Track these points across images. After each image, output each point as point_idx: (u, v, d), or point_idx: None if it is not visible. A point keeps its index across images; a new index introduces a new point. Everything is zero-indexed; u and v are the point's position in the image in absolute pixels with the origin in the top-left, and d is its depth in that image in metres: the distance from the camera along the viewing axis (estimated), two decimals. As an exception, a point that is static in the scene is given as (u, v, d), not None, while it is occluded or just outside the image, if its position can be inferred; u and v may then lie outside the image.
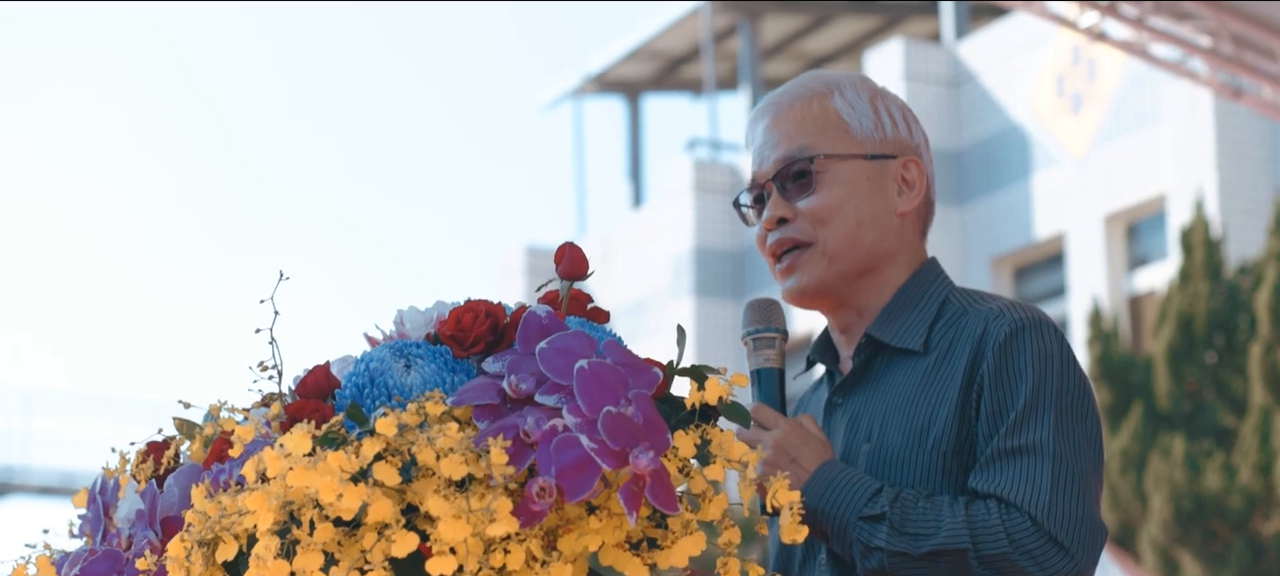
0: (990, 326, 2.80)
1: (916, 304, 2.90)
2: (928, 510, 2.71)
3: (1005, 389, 2.76)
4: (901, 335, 2.87)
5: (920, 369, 2.84)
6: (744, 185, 2.89)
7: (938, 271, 2.95)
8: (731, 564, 2.40)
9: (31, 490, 27.81)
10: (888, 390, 2.86)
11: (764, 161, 2.94)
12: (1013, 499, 2.70)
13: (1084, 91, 18.63)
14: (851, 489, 2.75)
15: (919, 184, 2.94)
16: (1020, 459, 2.72)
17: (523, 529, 2.28)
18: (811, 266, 2.90)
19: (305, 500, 2.28)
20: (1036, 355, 2.77)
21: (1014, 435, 2.74)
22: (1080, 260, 18.45)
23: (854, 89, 2.95)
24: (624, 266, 24.40)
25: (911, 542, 2.70)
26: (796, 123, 2.92)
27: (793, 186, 2.91)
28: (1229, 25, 11.03)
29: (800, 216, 2.90)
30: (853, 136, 2.91)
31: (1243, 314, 14.39)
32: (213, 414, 2.60)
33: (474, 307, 2.56)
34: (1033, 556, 2.67)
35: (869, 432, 2.84)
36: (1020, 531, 2.68)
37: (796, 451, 2.79)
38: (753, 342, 2.90)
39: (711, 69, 24.64)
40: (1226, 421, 14.12)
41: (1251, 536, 13.61)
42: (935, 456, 2.78)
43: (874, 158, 2.91)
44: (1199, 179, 17.24)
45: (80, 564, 2.53)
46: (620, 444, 2.30)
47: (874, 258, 2.90)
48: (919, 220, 2.96)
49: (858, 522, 2.73)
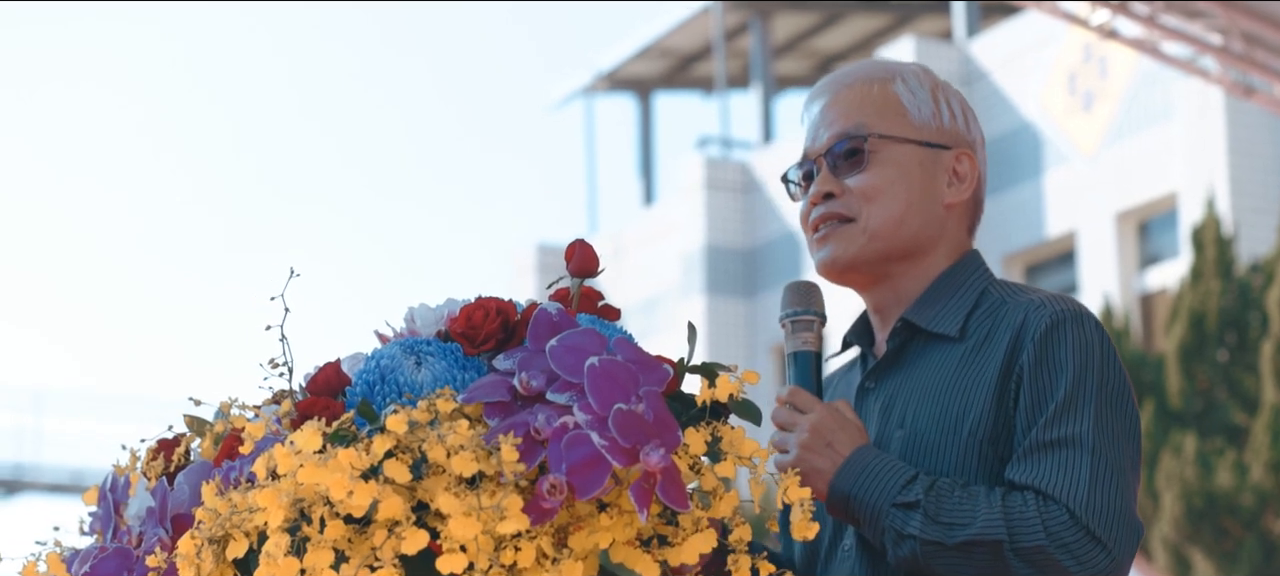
0: (1030, 316, 2.77)
1: (955, 291, 2.87)
2: (963, 500, 2.67)
3: (1045, 380, 2.73)
4: (938, 320, 2.85)
5: (956, 355, 2.81)
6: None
7: (979, 262, 2.93)
8: (742, 561, 2.40)
9: (42, 488, 27.86)
10: (922, 375, 2.83)
11: (817, 138, 2.93)
12: (1051, 491, 2.66)
13: (1095, 89, 18.62)
14: (886, 475, 2.71)
15: (970, 178, 2.92)
16: (1059, 451, 2.69)
17: (533, 526, 2.28)
18: (849, 240, 2.87)
19: (316, 497, 2.28)
20: (1077, 347, 2.74)
21: (1053, 427, 2.70)
22: (1091, 258, 18.44)
23: (916, 77, 2.94)
24: (635, 264, 24.40)
25: (946, 532, 2.66)
26: (855, 102, 2.91)
27: (844, 163, 2.89)
28: (1240, 23, 11.02)
29: (847, 193, 2.88)
30: (910, 121, 2.90)
31: (1254, 312, 14.38)
32: (223, 411, 2.60)
33: (485, 305, 2.56)
34: (1070, 550, 2.64)
35: (902, 419, 2.81)
36: (1057, 524, 2.64)
37: (832, 436, 2.75)
38: (790, 325, 2.86)
39: (722, 67, 24.64)
40: (1238, 419, 14.11)
41: (1263, 534, 13.60)
42: (971, 445, 2.75)
43: (929, 145, 2.90)
44: (1210, 177, 17.23)
45: (91, 561, 2.53)
46: (631, 441, 2.30)
47: (915, 243, 2.88)
48: (966, 214, 2.94)
49: (891, 509, 2.69)
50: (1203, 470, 13.68)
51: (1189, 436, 13.85)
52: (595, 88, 26.38)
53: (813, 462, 2.73)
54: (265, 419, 2.46)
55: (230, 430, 2.54)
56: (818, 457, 2.74)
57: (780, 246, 22.52)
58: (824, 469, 2.73)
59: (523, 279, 25.23)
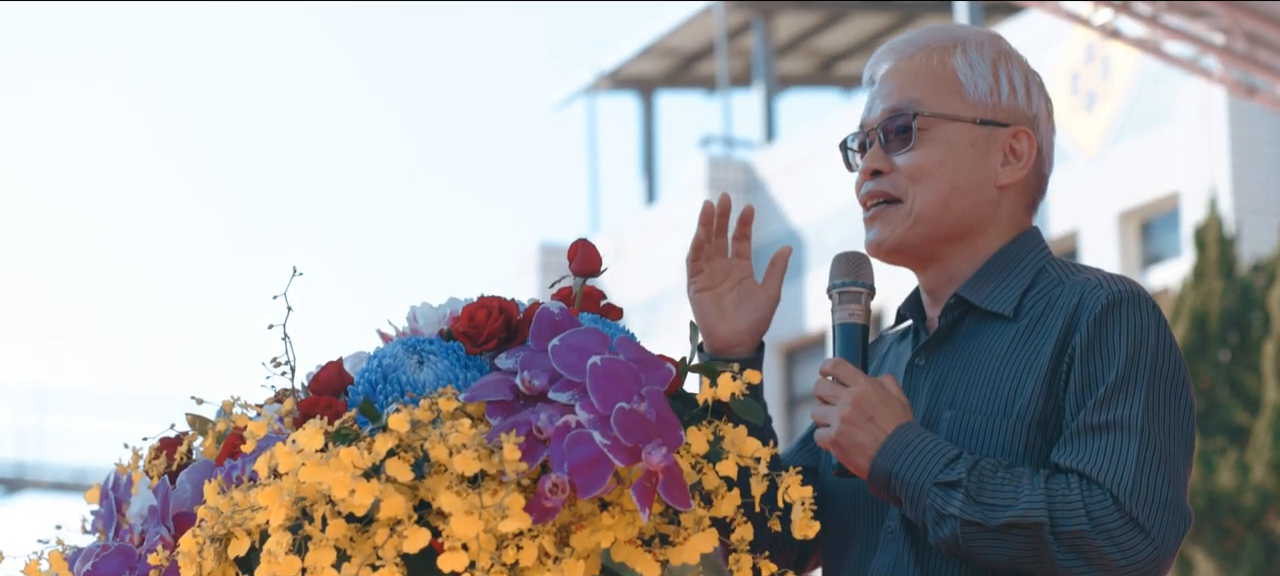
0: (1087, 296, 2.70)
1: (1012, 269, 2.81)
2: (1006, 481, 2.61)
3: (1097, 362, 2.66)
4: (993, 298, 2.78)
5: (1009, 335, 2.75)
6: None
7: (1038, 240, 2.86)
8: (743, 560, 2.40)
9: (45, 486, 27.86)
10: (974, 354, 2.77)
11: (873, 110, 2.86)
12: (1095, 475, 2.60)
13: (1098, 89, 18.61)
14: (929, 453, 2.65)
15: (1028, 156, 2.83)
16: (1107, 434, 2.63)
17: (535, 525, 2.28)
18: (895, 223, 2.81)
19: (317, 496, 2.28)
20: (1132, 329, 2.67)
21: (1102, 410, 2.64)
22: (1093, 257, 18.42)
23: (979, 48, 2.86)
24: (637, 263, 24.40)
25: (987, 513, 2.60)
26: (911, 75, 2.84)
27: (894, 139, 2.82)
28: (1242, 23, 11.02)
29: (896, 171, 2.81)
30: (965, 98, 2.82)
31: (1256, 311, 14.38)
32: (226, 409, 2.60)
33: (487, 304, 2.56)
34: (1112, 536, 2.58)
35: (953, 398, 2.75)
36: (1101, 509, 2.58)
37: (874, 410, 2.68)
38: (837, 296, 2.80)
39: (725, 66, 24.63)
40: (1240, 419, 14.10)
41: (1265, 534, 13.59)
42: (1020, 427, 2.68)
43: (983, 123, 2.82)
44: (1212, 176, 17.22)
45: (93, 559, 2.53)
46: (633, 440, 2.30)
47: (964, 225, 2.81)
48: (1025, 193, 2.86)
49: (933, 488, 2.63)
50: (1205, 470, 13.67)
51: (1191, 436, 13.84)
52: (598, 87, 26.37)
53: (855, 437, 2.67)
54: (267, 417, 2.46)
55: (232, 429, 2.54)
56: (860, 432, 2.67)
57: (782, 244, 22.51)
58: (866, 444, 2.67)
59: (525, 278, 25.23)
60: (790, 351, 22.51)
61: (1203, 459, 13.70)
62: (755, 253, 17.46)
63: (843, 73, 26.52)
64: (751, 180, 23.27)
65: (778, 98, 25.05)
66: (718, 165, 23.34)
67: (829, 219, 21.69)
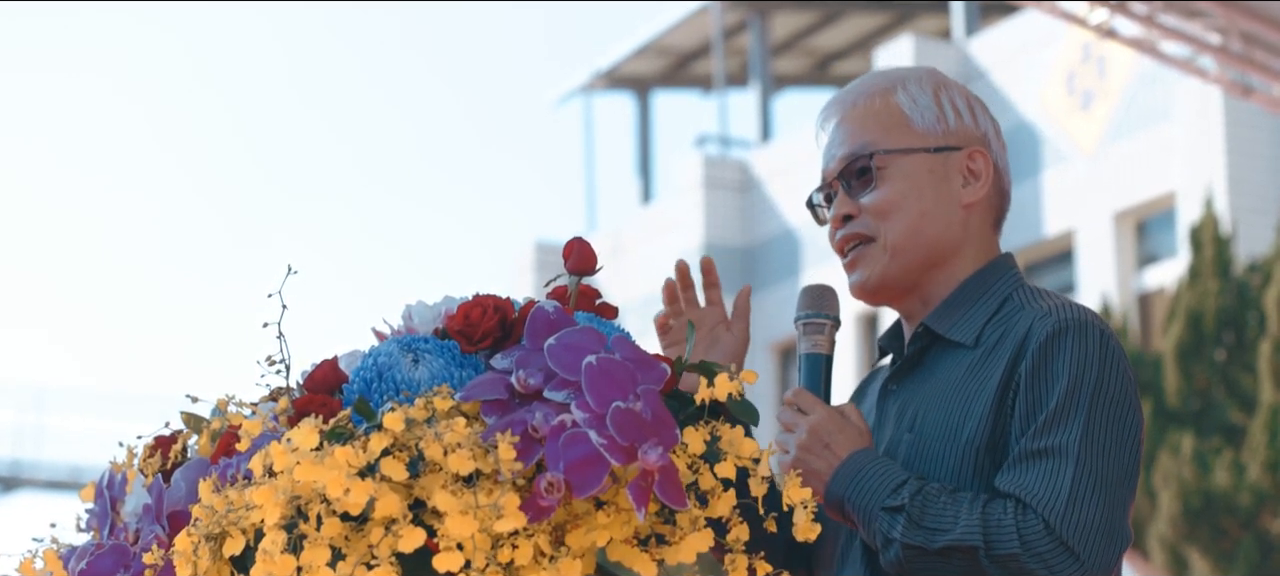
0: (1036, 325, 2.77)
1: (979, 298, 2.88)
2: (947, 505, 2.69)
3: (1040, 389, 2.73)
4: (956, 328, 2.86)
5: (965, 363, 2.82)
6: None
7: (1007, 267, 2.92)
8: (739, 560, 2.40)
9: (40, 484, 27.86)
10: (935, 381, 2.84)
11: (830, 160, 2.95)
12: (1030, 500, 2.67)
13: (1094, 88, 18.62)
14: (878, 479, 2.73)
15: (986, 174, 2.92)
16: (1044, 460, 2.69)
17: (530, 524, 2.28)
18: (873, 261, 2.89)
19: (312, 495, 2.27)
20: (1075, 356, 2.73)
21: (1041, 436, 2.71)
22: (1090, 257, 18.43)
23: (918, 83, 2.94)
24: (633, 262, 24.39)
25: (928, 537, 2.67)
26: (860, 121, 2.92)
27: (856, 183, 2.91)
28: (1239, 23, 11.02)
29: (864, 212, 2.89)
30: (914, 130, 2.90)
31: (1252, 311, 14.38)
32: (220, 408, 2.60)
33: (482, 302, 2.56)
34: (1043, 559, 2.65)
35: (912, 422, 2.83)
36: (1032, 533, 2.65)
37: (831, 438, 2.77)
38: (802, 327, 2.89)
39: (721, 65, 24.63)
40: (1235, 419, 14.11)
41: (1260, 533, 13.60)
42: (969, 452, 2.76)
43: (937, 150, 2.90)
44: (1209, 176, 17.23)
45: (87, 558, 2.53)
46: (629, 439, 2.30)
47: (938, 250, 2.89)
48: (989, 210, 2.94)
49: (880, 513, 2.71)
50: (1200, 469, 13.68)
51: (1186, 436, 13.85)
52: (594, 86, 26.37)
53: (811, 464, 2.76)
54: (262, 416, 2.46)
55: (227, 427, 2.54)
56: (816, 459, 2.77)
57: (779, 244, 22.52)
58: (821, 470, 2.76)
59: (521, 277, 25.22)
60: (785, 351, 22.51)
61: (1198, 458, 13.71)
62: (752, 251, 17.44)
63: (839, 72, 26.52)
64: (747, 179, 23.27)
65: (774, 97, 25.05)
66: (714, 164, 23.33)
67: (825, 218, 21.67)
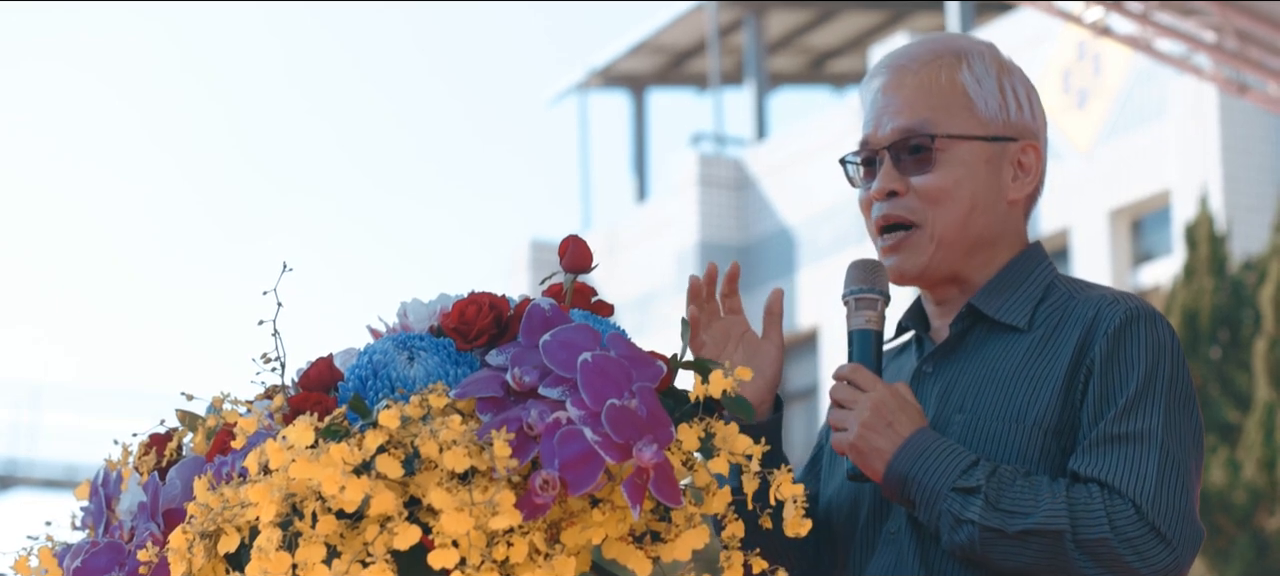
0: (1104, 312, 2.74)
1: (1023, 282, 2.83)
2: (1026, 488, 2.64)
3: (1116, 375, 2.70)
4: (1006, 310, 2.81)
5: (1022, 346, 2.77)
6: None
7: (1043, 255, 2.89)
8: (734, 558, 2.40)
9: (36, 483, 27.85)
10: (985, 364, 2.79)
11: (881, 127, 2.84)
12: (1117, 485, 2.63)
13: (1089, 87, 18.62)
14: (947, 458, 2.67)
15: (1034, 170, 2.86)
16: (1127, 445, 2.66)
17: (526, 521, 2.28)
18: (918, 251, 2.82)
19: (308, 492, 2.27)
20: (1150, 345, 2.71)
21: (1123, 421, 2.67)
22: (1085, 255, 18.44)
23: (983, 62, 2.85)
24: (629, 260, 24.39)
25: (1006, 519, 2.62)
26: (920, 91, 2.82)
27: (908, 159, 2.81)
28: (1234, 21, 11.02)
29: (912, 193, 2.81)
30: (977, 115, 2.82)
31: (1247, 309, 14.39)
32: (215, 406, 2.60)
33: (477, 300, 2.55)
34: (1133, 545, 2.61)
35: (962, 404, 2.78)
36: (1123, 518, 2.61)
37: (893, 416, 2.71)
38: (854, 302, 2.80)
39: (716, 63, 24.63)
40: (1231, 416, 14.11)
41: (1255, 531, 13.60)
42: (1035, 435, 2.71)
43: (995, 139, 2.83)
44: (1204, 174, 17.24)
45: (82, 555, 2.53)
46: (624, 437, 2.30)
47: (980, 241, 2.83)
48: (1028, 203, 2.90)
49: (950, 493, 2.65)
50: (1196, 467, 13.67)
51: (1182, 434, 13.84)
52: (589, 84, 26.37)
53: (873, 442, 2.70)
54: (257, 413, 2.45)
55: (222, 425, 2.54)
56: (878, 437, 2.70)
57: (774, 242, 22.52)
58: (884, 448, 2.70)
59: (516, 275, 25.22)
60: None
61: (1194, 456, 13.70)
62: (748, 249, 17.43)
63: (834, 70, 26.53)
64: (742, 177, 23.27)
65: (769, 95, 25.06)
66: (709, 163, 23.33)
67: (820, 216, 21.70)
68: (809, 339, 22.07)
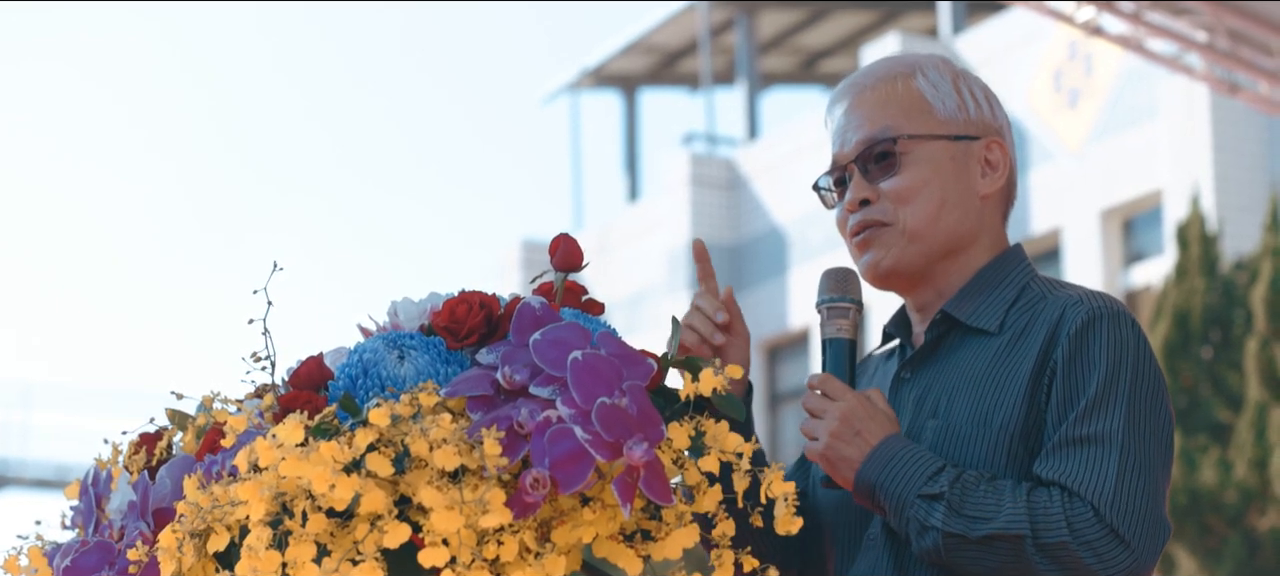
0: (1068, 312, 2.75)
1: (997, 285, 2.85)
2: (988, 493, 2.66)
3: (1078, 376, 2.71)
4: (978, 315, 2.83)
5: (991, 349, 2.79)
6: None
7: (1021, 257, 2.91)
8: (725, 556, 2.40)
9: (27, 483, 27.83)
10: (957, 368, 2.82)
11: (846, 143, 2.90)
12: (1076, 487, 2.64)
13: (1081, 86, 18.63)
14: (913, 466, 2.69)
15: (1002, 166, 2.90)
16: (1087, 447, 2.67)
17: (516, 520, 2.28)
18: (889, 244, 2.85)
19: (298, 491, 2.27)
20: (1112, 344, 2.72)
21: (1083, 423, 2.68)
22: (1076, 255, 18.45)
23: (936, 70, 2.91)
24: (620, 260, 24.40)
25: (968, 525, 2.64)
26: (879, 104, 2.88)
27: (875, 167, 2.86)
28: (1225, 20, 11.03)
29: (883, 197, 2.85)
30: (936, 117, 2.87)
31: (1238, 309, 14.40)
32: (205, 405, 2.60)
33: (468, 299, 2.55)
34: (1093, 547, 2.62)
35: (935, 409, 2.80)
36: (1082, 521, 2.63)
37: (861, 424, 2.73)
38: (826, 311, 2.84)
39: (708, 63, 24.63)
40: (1222, 417, 14.12)
41: (1247, 531, 13.61)
42: (1001, 439, 2.73)
43: (958, 138, 2.87)
44: (1195, 174, 17.25)
45: (72, 554, 2.53)
46: (614, 435, 2.30)
47: (955, 239, 2.86)
48: (1001, 203, 2.92)
49: (916, 500, 2.67)
50: (1187, 467, 13.69)
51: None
52: (581, 84, 26.37)
53: (841, 450, 2.72)
54: (247, 412, 2.45)
55: (212, 423, 2.54)
56: (846, 446, 2.72)
57: (765, 242, 22.52)
58: (852, 457, 2.72)
59: (507, 274, 25.22)
60: (773, 349, 22.51)
61: (1185, 456, 13.71)
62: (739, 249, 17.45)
63: (825, 70, 26.53)
64: (734, 177, 23.28)
65: (760, 95, 25.06)
66: (701, 162, 23.33)
67: (812, 216, 21.69)
68: (800, 339, 22.07)
